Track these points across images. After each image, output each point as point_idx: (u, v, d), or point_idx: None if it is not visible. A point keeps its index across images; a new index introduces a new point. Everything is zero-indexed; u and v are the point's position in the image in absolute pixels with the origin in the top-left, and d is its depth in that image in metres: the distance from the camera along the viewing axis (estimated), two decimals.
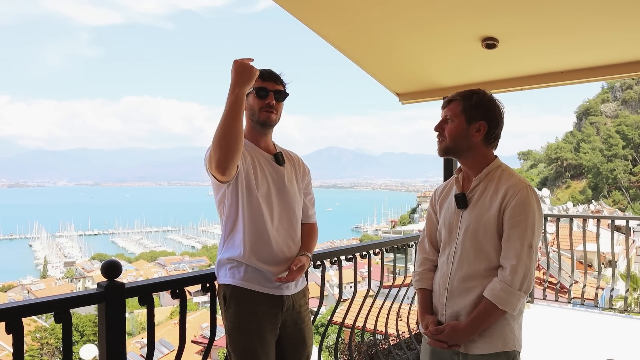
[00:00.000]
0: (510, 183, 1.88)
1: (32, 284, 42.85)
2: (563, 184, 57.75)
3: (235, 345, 2.06)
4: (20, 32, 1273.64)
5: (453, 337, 1.88)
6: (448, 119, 1.94)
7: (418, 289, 2.11)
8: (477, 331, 1.85)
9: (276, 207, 2.11)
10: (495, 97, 1.99)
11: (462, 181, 2.03)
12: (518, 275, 1.80)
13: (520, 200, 1.84)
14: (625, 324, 4.78)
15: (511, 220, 1.84)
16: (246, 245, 2.04)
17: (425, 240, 2.15)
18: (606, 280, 7.94)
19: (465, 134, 1.92)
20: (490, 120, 1.93)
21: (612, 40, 2.92)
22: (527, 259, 1.82)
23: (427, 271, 2.09)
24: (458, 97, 1.95)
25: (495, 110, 1.95)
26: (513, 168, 2.05)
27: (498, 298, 1.81)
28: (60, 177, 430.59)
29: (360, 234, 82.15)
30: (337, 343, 3.30)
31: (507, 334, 1.88)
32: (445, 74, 3.58)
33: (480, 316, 1.84)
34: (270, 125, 2.15)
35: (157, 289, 2.10)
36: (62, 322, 1.79)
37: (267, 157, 2.16)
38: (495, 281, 1.84)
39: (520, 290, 1.81)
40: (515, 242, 1.82)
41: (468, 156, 1.96)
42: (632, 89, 58.14)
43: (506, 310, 1.81)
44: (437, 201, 2.14)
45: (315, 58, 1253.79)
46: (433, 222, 2.14)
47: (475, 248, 1.90)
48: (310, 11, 2.66)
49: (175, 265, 48.22)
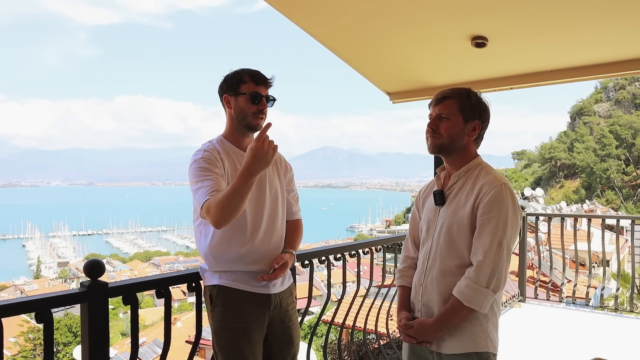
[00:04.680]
0: (485, 180, 1.87)
1: (25, 284, 42.59)
2: (557, 183, 57.99)
3: (222, 344, 2.05)
4: (18, 32, 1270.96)
5: (421, 333, 1.88)
6: (444, 117, 1.90)
7: (399, 286, 2.12)
8: (445, 328, 1.84)
9: (259, 207, 2.09)
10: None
11: (443, 179, 2.02)
12: (484, 272, 1.78)
13: (493, 197, 1.82)
14: (617, 322, 4.79)
15: (483, 217, 1.82)
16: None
17: (408, 239, 2.17)
18: (598, 279, 7.97)
19: (462, 132, 1.90)
20: (484, 120, 1.95)
21: (602, 38, 2.92)
22: (495, 257, 1.78)
23: (407, 269, 2.11)
24: (455, 95, 1.91)
25: (488, 111, 1.97)
26: (507, 168, 2.06)
27: (464, 295, 1.79)
28: (54, 177, 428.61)
29: (355, 233, 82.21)
30: (325, 342, 3.28)
31: (478, 334, 1.84)
32: (436, 73, 3.57)
33: (448, 313, 1.83)
34: (258, 130, 2.10)
35: (141, 288, 2.08)
36: (44, 322, 1.76)
37: None
38: (463, 279, 1.82)
39: (487, 288, 1.78)
40: (485, 239, 1.80)
41: (457, 155, 1.95)
42: (625, 89, 58.45)
43: (473, 307, 1.79)
44: (420, 200, 2.15)
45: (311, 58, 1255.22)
46: (416, 220, 2.15)
47: (448, 245, 1.90)
48: (299, 9, 2.65)
49: (170, 265, 47.98)
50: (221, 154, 2.05)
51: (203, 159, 1.99)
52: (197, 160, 2.00)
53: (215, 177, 1.94)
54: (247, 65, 2.16)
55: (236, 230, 2.01)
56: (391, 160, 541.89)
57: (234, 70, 2.12)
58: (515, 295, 5.33)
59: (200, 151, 2.05)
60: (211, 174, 1.94)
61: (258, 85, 2.06)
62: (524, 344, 4.12)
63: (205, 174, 1.94)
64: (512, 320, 4.82)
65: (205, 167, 1.96)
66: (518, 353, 3.88)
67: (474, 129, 1.92)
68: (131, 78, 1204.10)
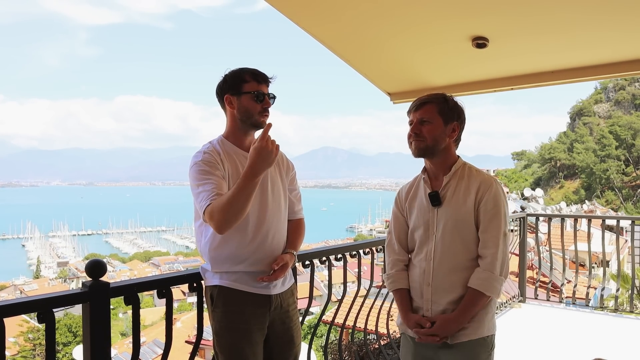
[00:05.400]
0: (481, 179, 2.04)
1: (24, 284, 42.55)
2: (556, 184, 58.00)
3: (223, 345, 2.05)
4: (18, 32, 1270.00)
5: (445, 329, 1.96)
6: (425, 121, 2.02)
7: (395, 290, 2.15)
8: (467, 320, 1.96)
9: (261, 207, 2.08)
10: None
11: (430, 180, 2.12)
12: (499, 262, 1.96)
13: (492, 194, 2.00)
14: (617, 323, 4.80)
15: (487, 213, 1.99)
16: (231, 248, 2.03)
17: (394, 242, 2.20)
18: (598, 279, 7.97)
19: (443, 134, 2.03)
20: (461, 122, 2.08)
21: (603, 39, 2.92)
22: (503, 247, 1.99)
23: (400, 271, 2.15)
24: (433, 100, 2.04)
25: (464, 113, 2.10)
26: (507, 168, 2.14)
27: (484, 285, 1.94)
28: (54, 177, 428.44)
29: (355, 234, 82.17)
30: (326, 343, 3.28)
31: (489, 319, 2.02)
32: (436, 73, 3.57)
33: (469, 305, 1.96)
34: (261, 128, 2.08)
35: (142, 288, 2.08)
36: (45, 322, 1.76)
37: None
38: (479, 270, 1.97)
39: (501, 276, 1.96)
40: (493, 232, 1.97)
41: (440, 156, 2.07)
42: (625, 89, 58.48)
43: (491, 295, 1.96)
44: (404, 202, 2.20)
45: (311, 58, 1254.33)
46: (401, 223, 2.19)
47: (456, 241, 2.01)
48: (299, 9, 2.65)
49: (170, 265, 47.92)
50: (221, 155, 2.04)
51: (203, 162, 1.98)
52: (197, 162, 1.99)
53: (215, 179, 1.94)
54: (247, 66, 2.15)
55: (237, 231, 2.00)
56: (391, 161, 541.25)
57: (232, 69, 2.11)
58: (515, 295, 5.33)
59: (200, 153, 2.03)
60: (212, 177, 1.94)
61: (260, 84, 2.06)
62: (524, 345, 4.13)
63: (205, 177, 1.94)
64: (512, 321, 4.82)
65: (206, 170, 1.96)
66: (518, 353, 3.88)
67: (454, 130, 2.06)
68: (131, 78, 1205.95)
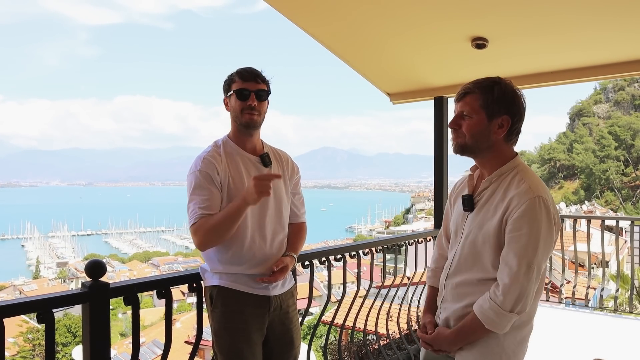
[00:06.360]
0: (517, 190, 1.65)
1: (24, 284, 42.52)
2: (556, 184, 58.06)
3: (222, 345, 2.05)
4: (18, 32, 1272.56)
5: (437, 343, 1.81)
6: (465, 115, 1.71)
7: (428, 285, 2.03)
8: (462, 343, 1.75)
9: (262, 209, 2.08)
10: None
11: (475, 180, 1.84)
12: (510, 296, 1.61)
13: (524, 212, 1.61)
14: (616, 323, 4.80)
15: (511, 234, 1.62)
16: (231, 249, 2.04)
17: (442, 235, 2.03)
18: (597, 280, 7.98)
19: (487, 131, 1.70)
20: (513, 114, 1.71)
21: (602, 40, 2.92)
22: (524, 280, 1.60)
23: (439, 269, 1.97)
24: (476, 90, 1.71)
25: (519, 103, 1.73)
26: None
27: (486, 317, 1.65)
28: (53, 177, 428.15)
29: (354, 234, 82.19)
30: (326, 343, 3.28)
31: (492, 347, 1.72)
32: (436, 74, 3.57)
33: (466, 330, 1.72)
34: (254, 127, 2.09)
35: (142, 289, 2.08)
36: (45, 323, 1.76)
37: (253, 160, 2.12)
38: (486, 298, 1.66)
39: (511, 312, 1.62)
40: (512, 260, 1.61)
41: (486, 155, 1.75)
42: (625, 90, 58.58)
43: (493, 330, 1.66)
44: (452, 198, 1.99)
45: (311, 58, 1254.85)
46: (448, 218, 2.00)
47: (471, 257, 1.75)
48: (299, 10, 2.66)
49: (169, 265, 47.94)
50: (222, 156, 2.05)
51: (200, 173, 1.99)
52: (194, 172, 2.00)
53: (207, 193, 1.97)
54: (247, 66, 2.16)
55: (238, 233, 2.00)
56: (390, 161, 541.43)
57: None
58: None
59: (199, 159, 2.04)
60: (204, 192, 1.97)
61: (246, 82, 2.05)
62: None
63: (198, 191, 1.97)
64: None
65: (199, 185, 1.98)
66: None
67: (502, 126, 1.70)
68: (131, 78, 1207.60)
